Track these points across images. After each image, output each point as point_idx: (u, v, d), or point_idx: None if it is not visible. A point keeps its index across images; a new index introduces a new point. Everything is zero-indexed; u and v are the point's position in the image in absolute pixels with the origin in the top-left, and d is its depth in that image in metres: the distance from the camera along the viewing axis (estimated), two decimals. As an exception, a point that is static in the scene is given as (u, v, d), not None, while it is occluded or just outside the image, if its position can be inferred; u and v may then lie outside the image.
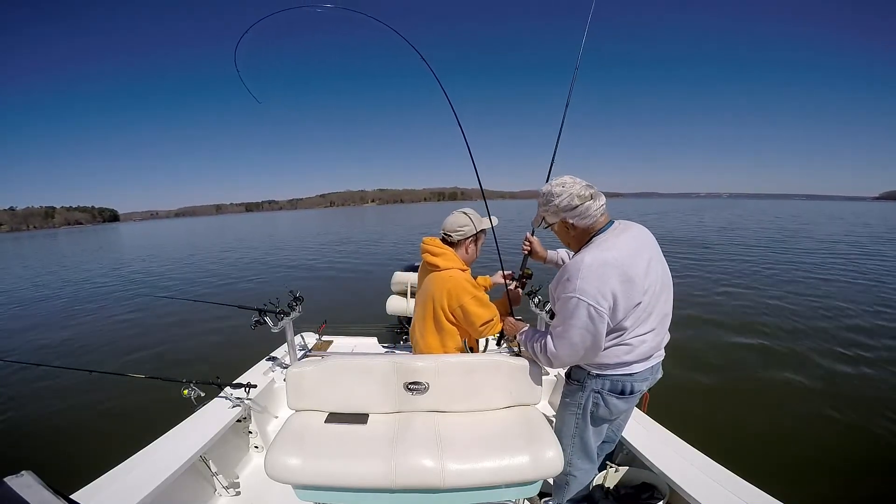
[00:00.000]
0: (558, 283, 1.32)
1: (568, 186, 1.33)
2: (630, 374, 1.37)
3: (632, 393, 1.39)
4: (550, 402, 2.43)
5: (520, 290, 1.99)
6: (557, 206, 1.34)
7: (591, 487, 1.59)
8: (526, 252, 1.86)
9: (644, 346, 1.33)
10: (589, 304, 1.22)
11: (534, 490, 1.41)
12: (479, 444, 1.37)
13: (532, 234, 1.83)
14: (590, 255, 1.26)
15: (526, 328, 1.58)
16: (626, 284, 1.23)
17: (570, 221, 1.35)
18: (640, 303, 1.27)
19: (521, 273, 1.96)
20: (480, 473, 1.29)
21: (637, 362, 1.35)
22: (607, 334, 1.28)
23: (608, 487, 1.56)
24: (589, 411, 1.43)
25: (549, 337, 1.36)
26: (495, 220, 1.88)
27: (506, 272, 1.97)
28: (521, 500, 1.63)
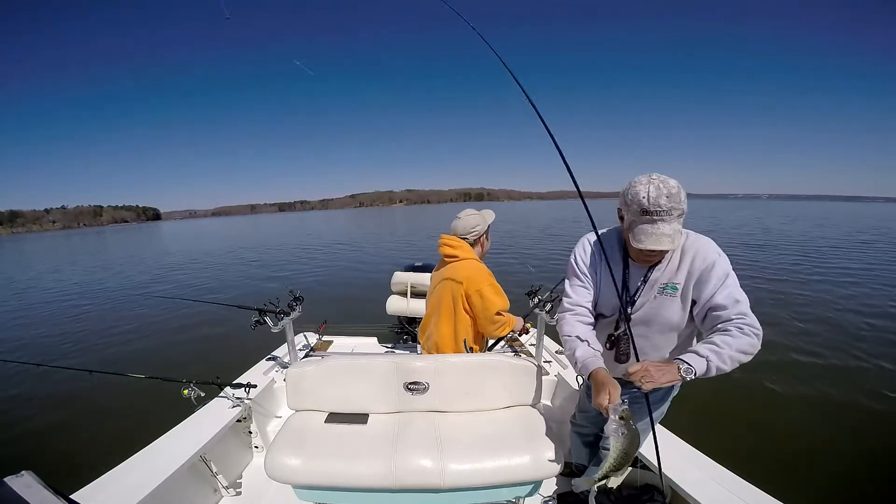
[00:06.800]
0: (704, 268, 1.18)
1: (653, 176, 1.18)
2: None
3: None
4: (551, 403, 2.43)
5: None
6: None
7: (593, 488, 1.59)
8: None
9: None
10: None
11: (534, 490, 1.41)
12: (480, 444, 1.37)
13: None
14: (695, 234, 1.26)
15: (691, 360, 1.13)
16: None
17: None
18: None
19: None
20: (480, 473, 1.29)
21: None
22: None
23: (611, 488, 1.55)
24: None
25: (744, 322, 1.13)
26: (493, 214, 2.02)
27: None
28: (522, 500, 1.63)
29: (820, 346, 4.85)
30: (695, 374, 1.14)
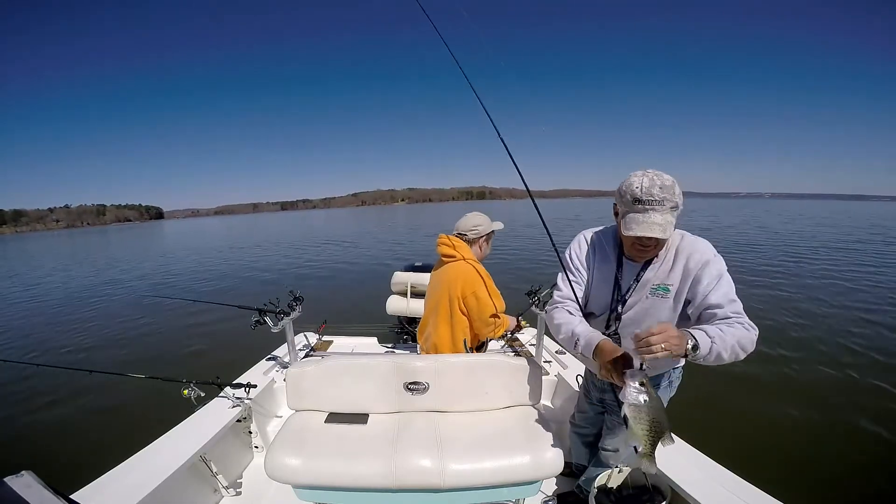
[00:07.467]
0: (698, 268, 1.19)
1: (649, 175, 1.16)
2: None
3: None
4: (551, 403, 2.43)
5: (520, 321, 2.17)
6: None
7: (593, 488, 1.59)
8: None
9: None
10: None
11: (534, 490, 1.41)
12: (480, 444, 1.37)
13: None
14: (692, 236, 1.26)
15: (698, 335, 1.05)
16: None
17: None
18: None
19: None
20: (481, 473, 1.29)
21: None
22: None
23: (611, 488, 1.55)
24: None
25: (741, 320, 1.12)
26: (501, 225, 2.03)
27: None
28: (522, 501, 1.63)
29: (820, 347, 4.84)
30: (694, 356, 1.05)
